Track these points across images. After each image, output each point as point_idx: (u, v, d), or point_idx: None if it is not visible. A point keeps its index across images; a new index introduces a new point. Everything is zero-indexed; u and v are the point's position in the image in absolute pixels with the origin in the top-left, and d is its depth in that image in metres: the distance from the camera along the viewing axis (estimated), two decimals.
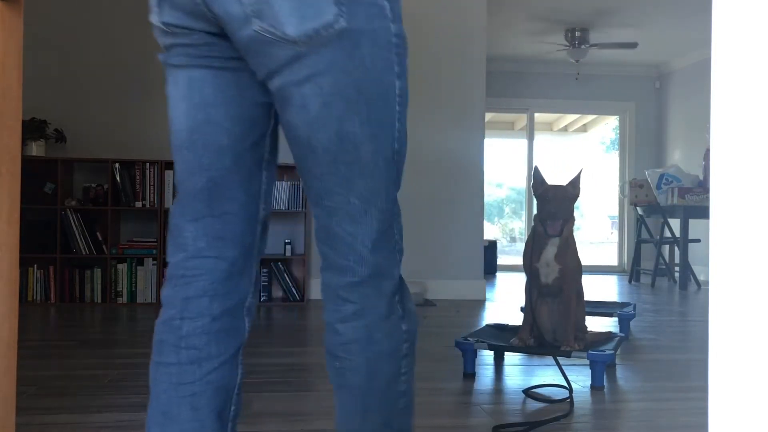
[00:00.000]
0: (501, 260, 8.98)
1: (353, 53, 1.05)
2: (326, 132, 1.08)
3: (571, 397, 2.44)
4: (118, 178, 5.03)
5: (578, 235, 3.41)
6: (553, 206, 2.82)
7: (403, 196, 5.59)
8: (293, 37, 1.02)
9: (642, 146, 9.35)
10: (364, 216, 1.13)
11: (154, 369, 1.19)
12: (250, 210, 1.21)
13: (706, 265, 7.85)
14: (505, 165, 11.86)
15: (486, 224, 7.48)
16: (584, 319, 2.97)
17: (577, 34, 7.70)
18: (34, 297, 5.00)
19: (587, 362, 2.72)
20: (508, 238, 13.70)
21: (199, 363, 1.17)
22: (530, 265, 2.91)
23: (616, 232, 9.94)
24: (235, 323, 1.21)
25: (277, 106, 1.11)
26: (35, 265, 5.00)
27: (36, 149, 5.05)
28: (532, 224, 2.96)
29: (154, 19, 1.15)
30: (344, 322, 1.16)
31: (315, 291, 5.43)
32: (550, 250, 2.87)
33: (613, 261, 9.68)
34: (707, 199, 6.74)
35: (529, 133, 9.42)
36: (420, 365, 3.04)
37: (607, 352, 2.69)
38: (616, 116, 9.75)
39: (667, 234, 7.32)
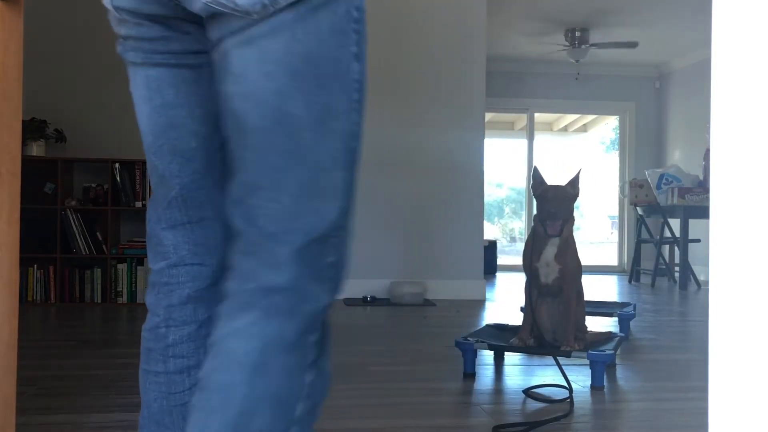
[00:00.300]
0: (501, 260, 8.98)
1: (307, 18, 0.91)
2: (262, 109, 0.91)
3: (571, 397, 2.44)
4: (118, 178, 5.04)
5: (578, 235, 3.41)
6: (552, 206, 2.82)
7: (403, 196, 5.59)
8: (246, 7, 0.89)
9: (642, 146, 9.35)
10: (294, 219, 0.93)
11: (143, 377, 1.15)
12: None
13: (706, 265, 7.85)
14: (505, 165, 11.86)
15: (486, 224, 7.48)
16: (584, 319, 2.97)
17: (577, 34, 7.70)
18: (34, 297, 5.00)
19: (587, 362, 2.72)
20: (508, 238, 13.70)
21: (188, 372, 1.12)
22: (530, 265, 2.91)
23: (616, 232, 9.95)
24: None
25: (217, 76, 0.96)
26: (35, 265, 5.00)
27: (36, 149, 5.05)
28: (532, 224, 2.96)
29: (106, 1, 1.06)
30: (235, 336, 0.91)
31: None
32: (550, 250, 2.87)
33: (613, 261, 9.68)
34: (707, 199, 6.74)
35: (529, 133, 9.42)
36: (420, 365, 3.04)
37: (607, 352, 2.69)
38: (616, 116, 9.75)
39: (667, 234, 7.32)
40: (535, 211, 2.95)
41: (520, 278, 3.64)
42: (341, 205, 0.96)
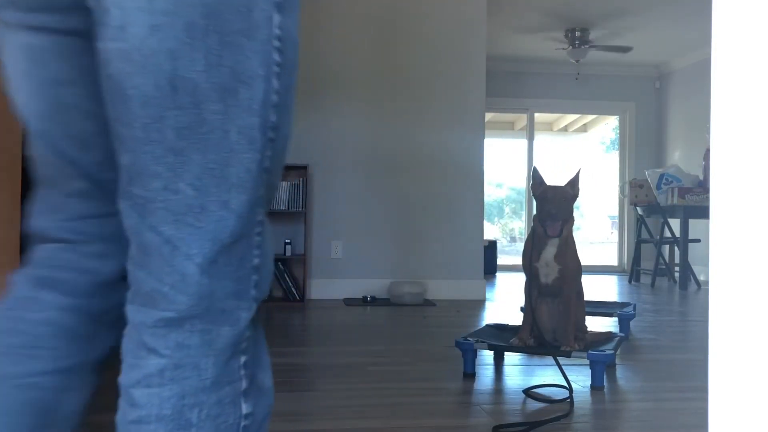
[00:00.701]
0: (501, 260, 8.99)
1: None
2: (150, 74, 0.71)
3: (571, 397, 2.44)
4: None
5: (578, 235, 3.41)
6: (552, 207, 2.83)
7: (403, 196, 5.59)
8: None
9: (642, 146, 9.35)
10: (198, 214, 0.74)
11: None
12: None
13: (706, 265, 7.86)
14: (505, 165, 11.87)
15: (486, 224, 7.48)
16: (584, 319, 2.97)
17: (577, 34, 7.71)
18: None
19: (587, 362, 2.72)
20: (508, 238, 13.71)
21: (21, 360, 0.86)
22: (530, 265, 2.91)
23: (616, 232, 9.95)
24: (101, 329, 0.92)
25: (93, 30, 0.75)
26: None
27: None
28: (532, 224, 2.96)
29: None
30: (145, 386, 0.74)
31: (315, 291, 5.43)
32: (550, 251, 2.87)
33: (613, 261, 9.68)
34: (707, 199, 6.74)
35: (529, 133, 9.42)
36: (420, 365, 3.04)
37: (607, 352, 2.69)
38: (616, 116, 9.75)
39: (667, 234, 7.32)
40: (535, 211, 2.95)
41: (520, 278, 3.65)
42: (256, 195, 0.78)
